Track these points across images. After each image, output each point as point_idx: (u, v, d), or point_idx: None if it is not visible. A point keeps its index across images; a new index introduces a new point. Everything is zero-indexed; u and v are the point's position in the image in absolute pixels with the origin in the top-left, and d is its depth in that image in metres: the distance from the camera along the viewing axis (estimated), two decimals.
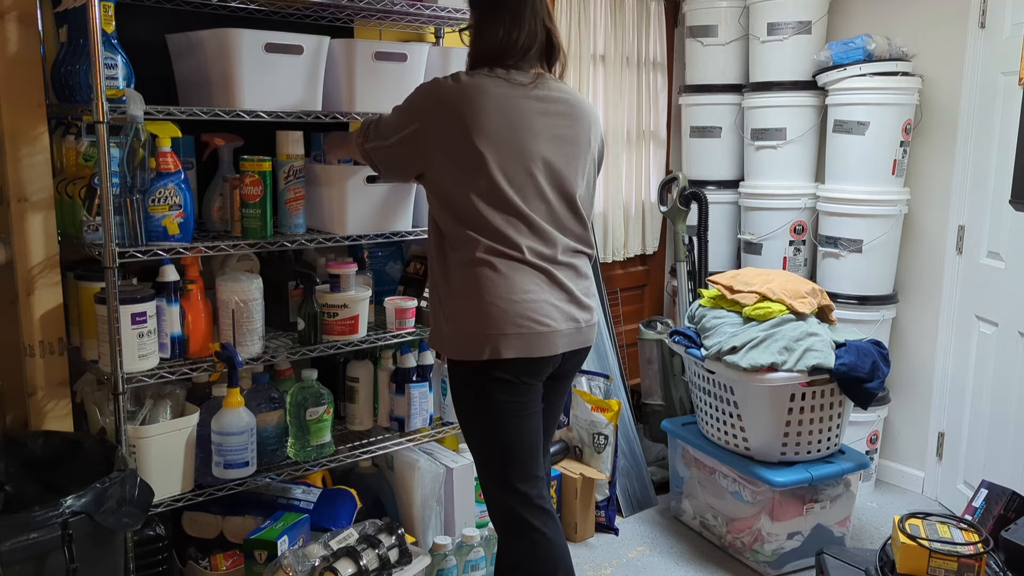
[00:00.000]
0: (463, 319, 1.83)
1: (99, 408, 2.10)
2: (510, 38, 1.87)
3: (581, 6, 3.35)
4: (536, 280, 1.84)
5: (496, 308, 1.80)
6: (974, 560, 2.03)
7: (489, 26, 1.88)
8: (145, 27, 2.17)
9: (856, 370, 2.63)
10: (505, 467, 1.88)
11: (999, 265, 2.92)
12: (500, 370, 1.82)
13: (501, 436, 1.87)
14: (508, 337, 1.80)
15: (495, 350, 1.80)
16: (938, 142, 3.22)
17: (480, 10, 1.92)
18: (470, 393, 1.89)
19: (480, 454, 1.93)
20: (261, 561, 2.14)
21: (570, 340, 1.89)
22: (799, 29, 3.31)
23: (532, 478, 1.90)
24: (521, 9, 1.87)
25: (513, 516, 1.89)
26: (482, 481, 1.95)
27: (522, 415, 1.88)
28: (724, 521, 2.83)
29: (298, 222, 2.22)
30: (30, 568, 1.52)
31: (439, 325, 1.91)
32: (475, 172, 1.81)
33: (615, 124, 3.57)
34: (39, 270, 1.99)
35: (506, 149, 1.82)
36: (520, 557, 1.90)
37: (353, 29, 2.58)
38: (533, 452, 1.91)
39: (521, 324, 1.81)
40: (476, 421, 1.91)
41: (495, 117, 1.81)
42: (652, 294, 4.02)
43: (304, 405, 2.23)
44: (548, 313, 1.84)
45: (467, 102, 1.80)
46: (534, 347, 1.83)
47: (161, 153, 1.96)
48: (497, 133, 1.81)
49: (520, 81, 1.86)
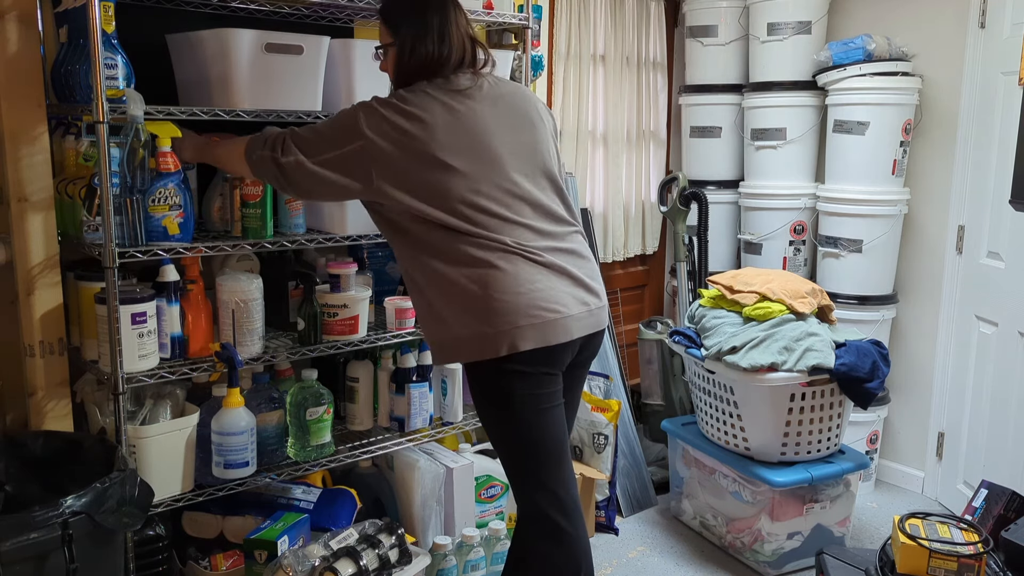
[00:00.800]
0: (472, 320, 1.79)
1: (99, 408, 2.10)
2: (441, 54, 1.85)
3: (581, 6, 3.35)
4: (539, 270, 1.82)
5: (504, 303, 1.77)
6: (974, 560, 2.03)
7: (417, 44, 1.85)
8: (145, 27, 2.17)
9: (856, 370, 2.63)
10: (536, 466, 1.86)
11: (999, 265, 2.92)
12: (520, 363, 1.79)
13: (528, 433, 1.84)
14: (523, 328, 1.77)
15: (512, 344, 1.77)
16: (938, 142, 3.22)
17: (403, 30, 1.88)
18: (493, 393, 1.85)
19: (509, 455, 1.90)
20: (261, 561, 2.14)
21: (584, 324, 1.87)
22: (799, 29, 3.31)
23: (562, 476, 1.88)
24: (446, 27, 1.86)
25: (543, 516, 1.87)
26: (513, 482, 1.92)
27: (546, 408, 1.85)
28: (724, 521, 2.83)
29: (298, 222, 2.22)
30: (30, 568, 1.52)
31: (442, 335, 1.85)
32: (448, 182, 1.78)
33: (615, 124, 3.57)
34: (39, 270, 1.98)
35: (472, 153, 1.80)
36: (545, 557, 1.89)
37: (353, 29, 2.58)
38: (562, 447, 1.89)
39: (534, 314, 1.78)
40: (501, 420, 1.87)
41: (451, 126, 1.80)
42: (652, 294, 4.02)
43: (304, 405, 2.23)
44: (558, 299, 1.82)
45: (416, 119, 1.78)
46: (550, 335, 1.80)
47: (161, 153, 1.96)
48: (458, 141, 1.80)
49: (463, 85, 1.85)
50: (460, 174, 1.79)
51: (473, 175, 1.80)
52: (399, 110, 1.79)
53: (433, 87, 1.84)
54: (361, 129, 1.79)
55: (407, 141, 1.78)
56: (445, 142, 1.79)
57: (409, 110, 1.79)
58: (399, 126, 1.78)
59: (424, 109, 1.80)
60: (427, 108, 1.80)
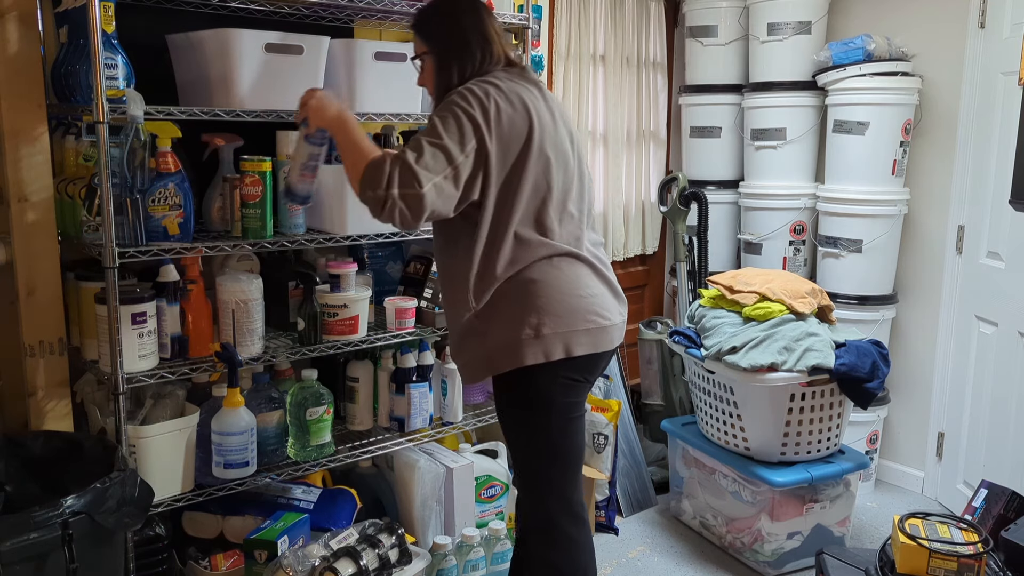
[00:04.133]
0: (529, 323, 1.75)
1: (99, 408, 2.10)
2: (490, 60, 1.85)
3: (581, 6, 3.35)
4: (591, 274, 1.82)
5: (566, 305, 1.76)
6: (974, 560, 2.03)
7: (465, 55, 1.84)
8: (145, 27, 2.17)
9: (856, 370, 2.63)
10: (559, 473, 1.85)
11: (999, 265, 2.92)
12: (567, 369, 1.79)
13: (560, 441, 1.83)
14: (578, 334, 1.77)
15: (567, 348, 1.76)
16: (938, 142, 3.22)
17: (447, 47, 1.85)
18: (530, 397, 1.82)
19: (534, 461, 1.88)
20: (261, 561, 2.14)
21: (621, 334, 1.88)
22: (799, 29, 3.31)
23: (577, 484, 1.89)
24: (482, 29, 1.85)
25: (553, 525, 1.86)
26: (528, 488, 1.90)
27: (576, 416, 1.86)
28: (724, 521, 2.83)
29: (298, 222, 2.22)
30: (30, 568, 1.52)
31: (491, 343, 1.78)
32: (543, 177, 1.77)
33: (615, 124, 3.57)
34: (39, 270, 1.98)
35: (552, 147, 1.80)
36: (553, 566, 1.88)
37: (353, 29, 2.58)
38: (581, 457, 1.90)
39: (590, 320, 1.78)
40: (534, 426, 1.84)
41: (542, 116, 1.79)
42: (652, 294, 4.02)
43: (304, 405, 2.23)
44: (607, 307, 1.83)
45: (523, 105, 1.76)
46: (600, 342, 1.81)
47: (161, 153, 1.96)
48: (547, 133, 1.79)
49: (531, 79, 1.86)
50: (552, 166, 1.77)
51: (556, 167, 1.79)
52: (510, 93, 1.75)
53: (509, 77, 1.81)
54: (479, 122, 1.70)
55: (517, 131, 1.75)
56: (540, 131, 1.77)
57: (517, 97, 1.76)
58: (514, 112, 1.74)
59: (523, 95, 1.76)
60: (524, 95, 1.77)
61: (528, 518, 1.92)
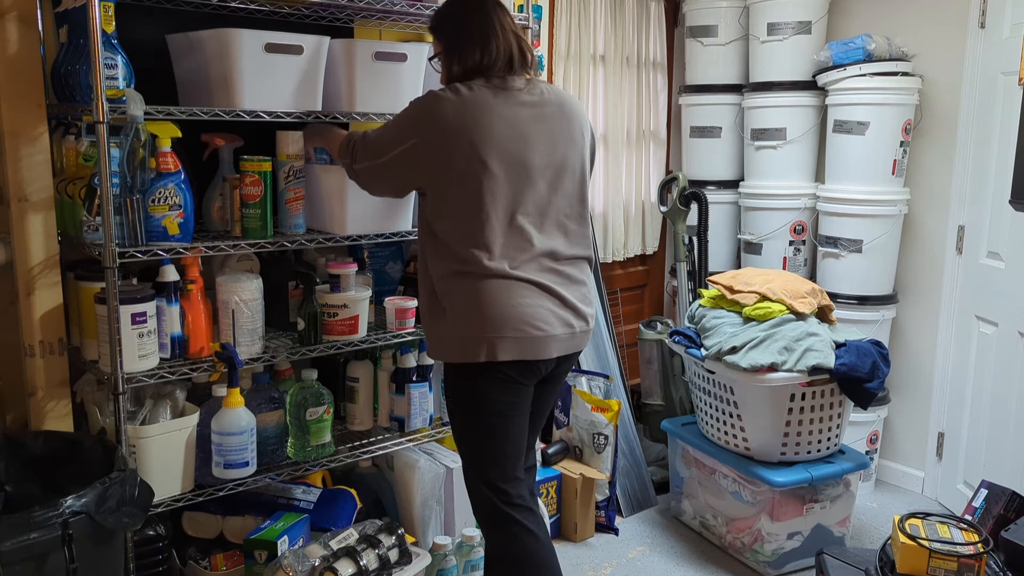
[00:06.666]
0: (460, 323, 1.85)
1: (99, 408, 2.10)
2: (490, 57, 1.88)
3: (581, 6, 3.35)
4: (533, 289, 1.87)
5: (493, 313, 1.83)
6: (974, 560, 2.03)
7: (465, 49, 1.89)
8: (145, 27, 2.17)
9: (856, 370, 2.63)
10: (489, 465, 1.93)
11: (999, 265, 2.92)
12: (495, 371, 1.86)
13: (489, 435, 1.91)
14: (505, 340, 1.83)
15: (491, 352, 1.83)
16: (938, 142, 3.22)
17: (449, 38, 1.93)
18: (464, 390, 1.92)
19: (467, 451, 1.97)
20: (261, 561, 2.14)
21: (564, 345, 1.92)
22: (799, 29, 3.31)
23: (513, 479, 1.94)
24: (491, 28, 1.88)
25: (495, 511, 1.93)
26: (467, 477, 1.99)
27: (511, 415, 1.92)
28: (724, 521, 2.83)
29: (298, 222, 2.22)
30: (30, 568, 1.52)
31: (436, 330, 1.92)
32: (481, 187, 1.81)
33: (615, 124, 3.57)
34: (39, 270, 1.99)
35: (510, 161, 1.83)
36: (502, 550, 1.95)
37: (353, 29, 2.58)
38: (517, 453, 1.96)
39: (519, 328, 1.84)
40: (467, 417, 1.94)
41: (499, 130, 1.82)
42: (652, 294, 4.02)
43: (304, 405, 2.23)
44: (544, 318, 1.87)
45: (471, 117, 1.81)
46: (528, 350, 1.86)
47: (161, 153, 1.96)
48: (503, 147, 1.82)
49: (515, 86, 1.88)
50: (496, 179, 1.82)
51: (507, 180, 1.83)
52: (454, 106, 1.82)
53: (489, 85, 1.87)
54: (414, 126, 1.86)
55: (453, 140, 1.82)
56: (490, 143, 1.82)
57: (462, 108, 1.82)
58: (451, 123, 1.82)
59: (480, 106, 1.82)
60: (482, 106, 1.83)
61: (473, 506, 2.00)
